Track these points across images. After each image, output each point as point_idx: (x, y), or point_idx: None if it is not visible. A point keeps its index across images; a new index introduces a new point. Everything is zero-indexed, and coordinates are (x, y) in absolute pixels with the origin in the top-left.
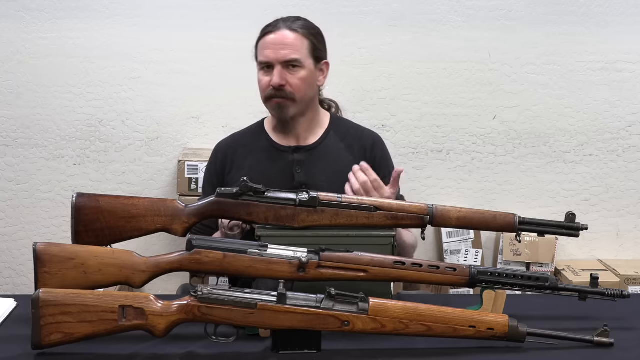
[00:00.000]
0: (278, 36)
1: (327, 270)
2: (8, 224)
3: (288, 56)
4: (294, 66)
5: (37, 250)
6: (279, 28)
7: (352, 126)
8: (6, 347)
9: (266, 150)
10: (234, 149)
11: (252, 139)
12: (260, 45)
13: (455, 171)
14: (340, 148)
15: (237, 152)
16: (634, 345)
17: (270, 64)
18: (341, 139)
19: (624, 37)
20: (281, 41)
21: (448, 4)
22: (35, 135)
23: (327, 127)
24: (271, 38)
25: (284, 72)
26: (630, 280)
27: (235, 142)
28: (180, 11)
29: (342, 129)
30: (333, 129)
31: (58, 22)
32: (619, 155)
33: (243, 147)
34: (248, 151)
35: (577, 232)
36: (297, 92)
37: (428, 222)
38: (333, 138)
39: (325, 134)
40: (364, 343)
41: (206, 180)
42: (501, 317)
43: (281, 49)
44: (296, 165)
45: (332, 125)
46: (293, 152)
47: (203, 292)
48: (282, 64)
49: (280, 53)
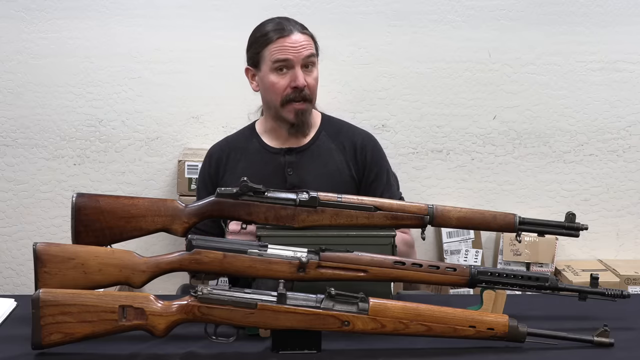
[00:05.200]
0: (294, 38)
1: (327, 270)
2: (8, 224)
3: (309, 53)
4: (310, 66)
5: (37, 250)
6: (291, 31)
7: (343, 125)
8: (6, 347)
9: (258, 153)
10: (227, 152)
11: (244, 142)
12: (275, 48)
13: (455, 171)
14: (332, 148)
15: (230, 156)
16: (634, 345)
17: (289, 64)
18: (332, 139)
19: (624, 37)
20: (299, 42)
21: (448, 3)
22: (35, 135)
23: (318, 127)
24: (288, 40)
25: (302, 73)
26: (630, 280)
27: (228, 145)
28: (180, 11)
29: (333, 129)
30: (324, 129)
31: (58, 22)
32: (619, 155)
33: (235, 150)
34: (240, 154)
35: (577, 232)
36: (312, 92)
37: (428, 222)
38: (324, 138)
39: (317, 134)
40: (364, 343)
41: (201, 183)
42: (501, 317)
43: (302, 49)
44: (288, 167)
45: (323, 125)
46: (285, 153)
47: (203, 292)
48: (302, 64)
49: (302, 53)
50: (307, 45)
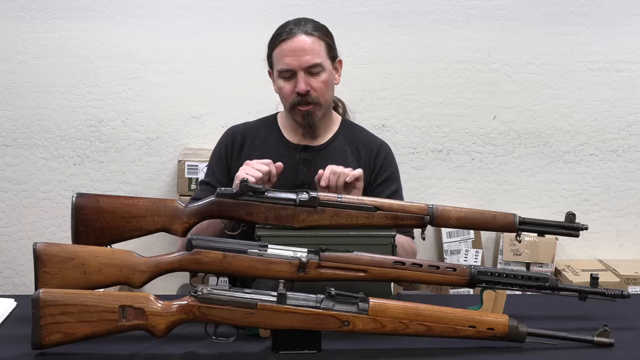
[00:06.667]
0: (296, 42)
1: (327, 270)
2: (8, 224)
3: (310, 61)
4: (316, 70)
5: (37, 250)
6: (294, 34)
7: (362, 131)
8: (6, 347)
9: (276, 145)
10: (246, 137)
11: (264, 132)
12: (278, 53)
13: (455, 171)
14: (347, 152)
15: (247, 142)
16: (634, 345)
17: (292, 71)
18: (349, 142)
19: (624, 37)
20: (301, 47)
21: (448, 3)
22: (35, 135)
23: (337, 130)
24: (289, 45)
25: (307, 78)
26: (630, 280)
27: (248, 131)
28: (180, 11)
29: (351, 134)
30: (342, 132)
31: (58, 22)
32: (619, 155)
33: (254, 138)
34: (258, 143)
35: (577, 232)
36: (321, 96)
37: (428, 222)
38: (341, 141)
39: (335, 136)
40: (364, 343)
41: (215, 161)
42: (501, 317)
43: (302, 54)
44: (302, 163)
45: (342, 128)
46: (301, 150)
47: (203, 292)
48: (305, 69)
49: (303, 59)
50: (311, 50)
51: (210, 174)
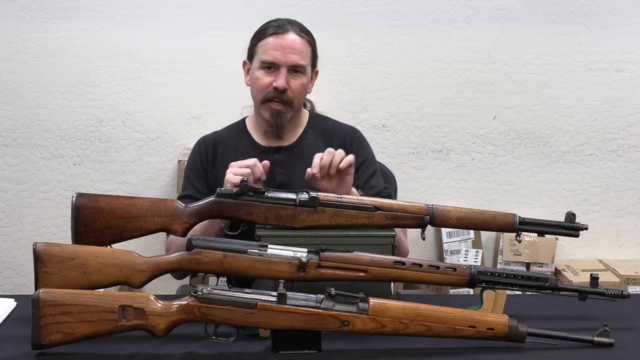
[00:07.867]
0: (287, 39)
1: (327, 270)
2: (8, 224)
3: (296, 61)
4: (297, 71)
5: (37, 250)
6: (287, 30)
7: (330, 122)
8: (6, 347)
9: (248, 151)
10: (217, 146)
11: (235, 139)
12: (265, 45)
13: (455, 171)
14: (319, 146)
15: (219, 151)
16: (634, 345)
17: (275, 65)
18: (320, 135)
19: (624, 37)
20: (290, 45)
21: (448, 3)
22: (35, 135)
23: (305, 126)
24: (279, 40)
25: (288, 76)
26: (630, 280)
27: (219, 139)
28: (180, 11)
29: (320, 127)
30: (311, 127)
31: (58, 22)
32: (619, 155)
33: (226, 146)
34: (231, 151)
35: (577, 232)
36: (296, 97)
37: (428, 222)
38: (312, 135)
39: (304, 132)
40: (364, 343)
41: (192, 172)
42: (501, 317)
43: (291, 52)
44: (277, 165)
45: (310, 123)
46: (274, 152)
47: (203, 292)
48: (289, 67)
49: (290, 57)
50: (299, 50)
51: (188, 186)
